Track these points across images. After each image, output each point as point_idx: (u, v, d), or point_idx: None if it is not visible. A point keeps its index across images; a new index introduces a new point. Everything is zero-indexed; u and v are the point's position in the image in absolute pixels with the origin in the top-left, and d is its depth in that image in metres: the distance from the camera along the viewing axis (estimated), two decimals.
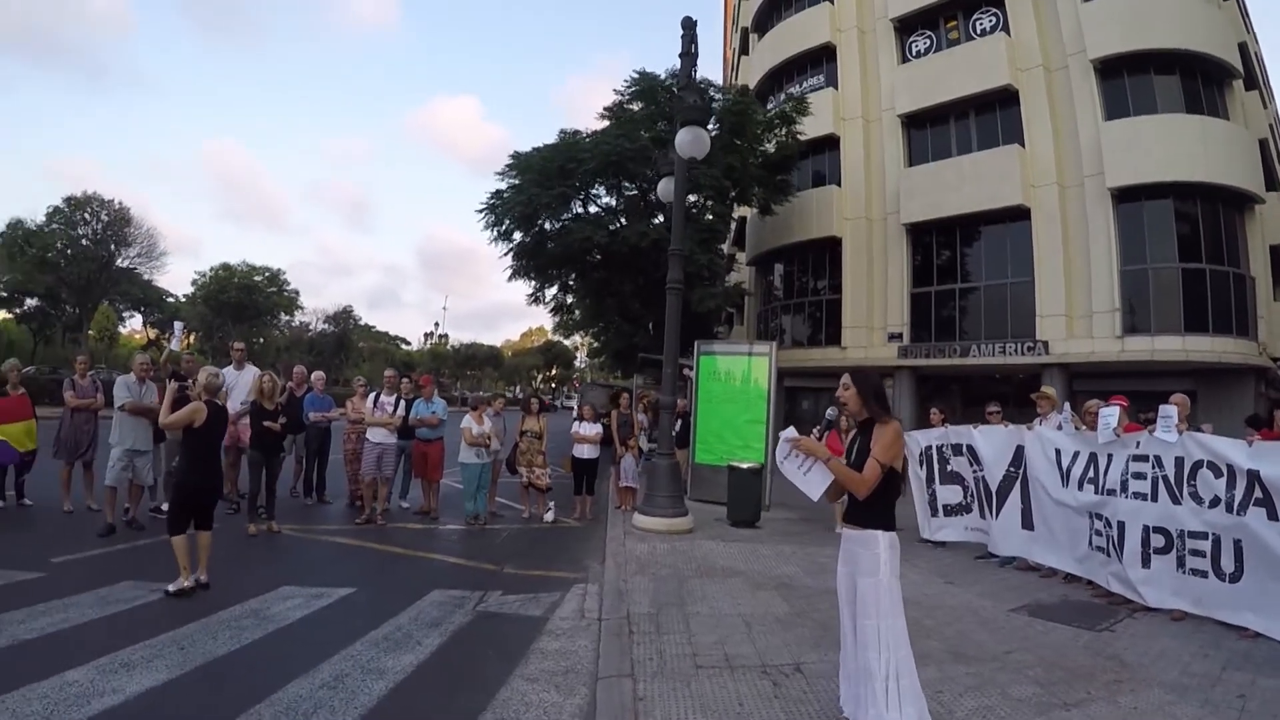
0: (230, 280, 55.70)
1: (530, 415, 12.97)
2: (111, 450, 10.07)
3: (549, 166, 24.85)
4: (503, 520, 12.34)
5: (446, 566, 9.09)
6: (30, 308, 58.62)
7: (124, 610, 6.67)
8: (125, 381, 10.35)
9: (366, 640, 6.15)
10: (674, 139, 22.21)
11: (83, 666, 5.26)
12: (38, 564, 7.97)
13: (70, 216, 40.47)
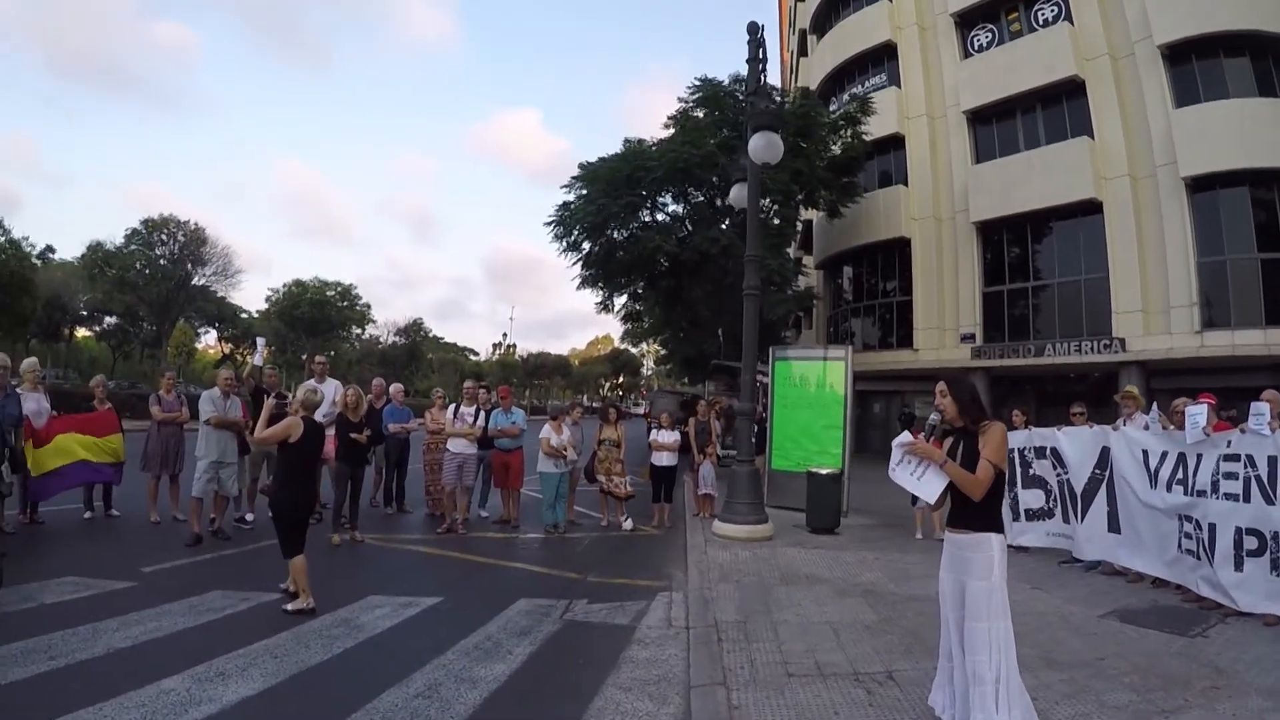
0: (303, 296, 56.93)
1: (608, 424, 13.04)
2: (198, 463, 10.29)
3: (616, 176, 24.95)
4: (581, 529, 12.43)
5: (530, 575, 9.15)
6: (109, 325, 60.42)
7: (215, 619, 6.80)
8: (210, 396, 10.58)
9: (457, 649, 6.18)
10: (741, 145, 22.26)
11: (178, 675, 5.34)
12: (129, 574, 8.17)
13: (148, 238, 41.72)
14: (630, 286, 30.10)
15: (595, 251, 26.96)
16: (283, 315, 57.16)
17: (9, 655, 5.58)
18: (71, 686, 5.08)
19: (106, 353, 64.66)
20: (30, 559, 8.42)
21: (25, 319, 42.31)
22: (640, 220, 26.45)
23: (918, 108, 30.53)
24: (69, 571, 8.10)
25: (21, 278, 39.27)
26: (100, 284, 45.01)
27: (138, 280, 41.59)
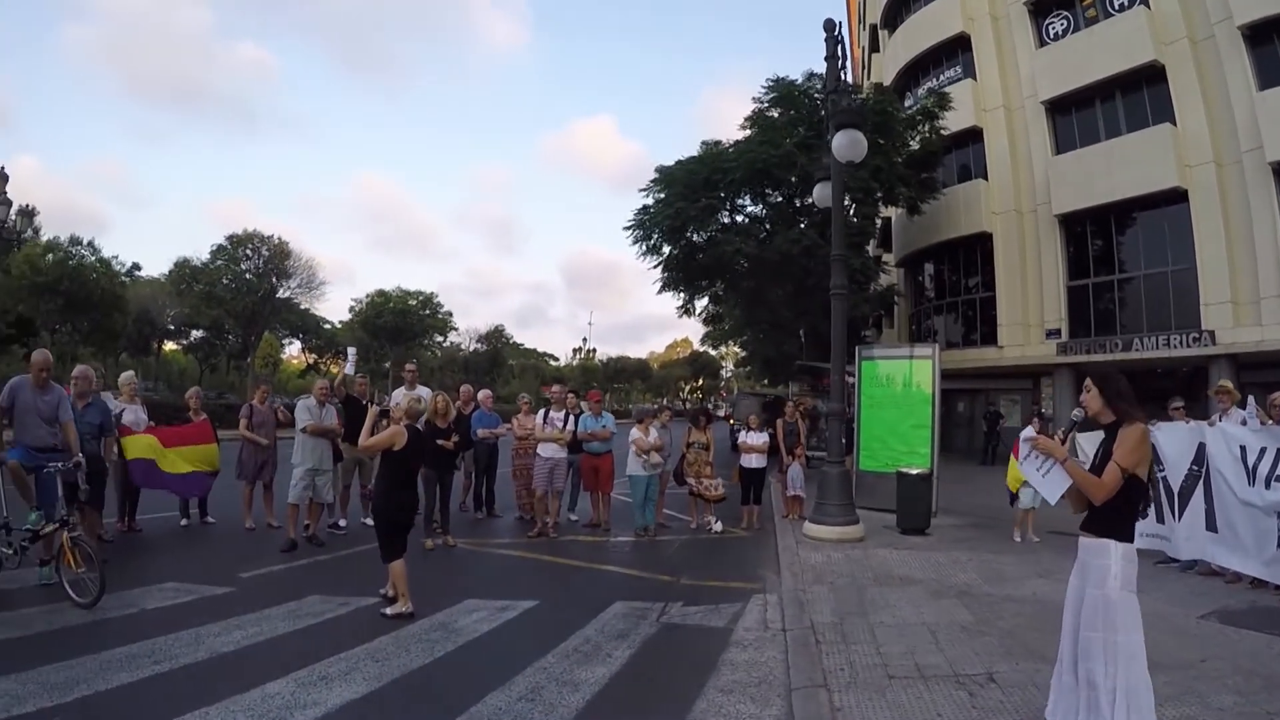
0: (386, 305, 57.85)
1: (697, 428, 13.08)
2: (294, 470, 10.61)
3: (694, 179, 24.91)
4: (671, 531, 12.49)
5: (624, 578, 9.25)
6: (196, 338, 62.05)
7: (315, 624, 6.97)
8: (306, 405, 10.93)
9: (557, 652, 6.24)
10: (819, 143, 22.10)
11: (282, 679, 5.47)
12: (227, 579, 8.40)
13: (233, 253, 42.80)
14: (711, 289, 30.05)
15: (675, 254, 26.98)
16: (366, 325, 58.16)
17: (114, 659, 5.76)
18: (177, 690, 5.24)
19: (194, 365, 66.35)
20: (130, 565, 8.70)
21: (117, 334, 43.71)
22: (719, 222, 26.35)
23: (994, 100, 29.91)
24: (169, 577, 8.35)
25: (112, 295, 40.62)
26: (187, 299, 46.37)
27: (224, 294, 42.69)
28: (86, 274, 38.07)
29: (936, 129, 27.81)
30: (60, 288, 36.46)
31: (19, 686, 5.15)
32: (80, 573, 7.15)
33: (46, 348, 9.35)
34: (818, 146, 23.59)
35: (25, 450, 7.98)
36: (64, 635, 6.40)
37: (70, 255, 38.75)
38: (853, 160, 12.24)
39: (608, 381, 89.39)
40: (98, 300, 38.50)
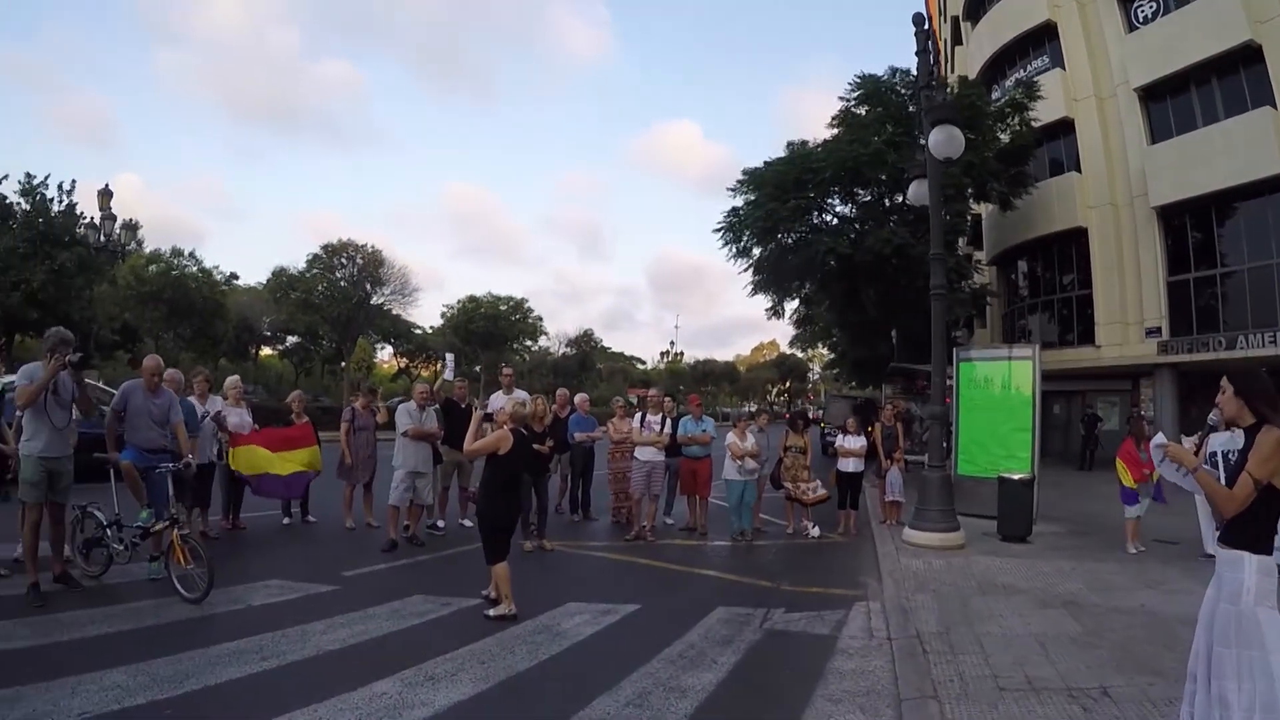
0: (477, 311, 58.68)
1: (795, 431, 13.07)
2: (395, 472, 10.82)
3: (784, 180, 24.75)
4: (767, 536, 12.50)
5: (723, 583, 9.27)
6: (292, 344, 63.64)
7: (419, 624, 7.11)
8: (407, 408, 11.14)
9: (662, 657, 6.24)
10: (907, 140, 21.80)
11: (389, 678, 5.55)
12: (330, 578, 8.62)
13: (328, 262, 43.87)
14: (801, 290, 29.88)
15: (765, 256, 26.87)
16: (458, 330, 59.08)
17: (222, 654, 5.93)
18: (285, 687, 5.38)
19: (290, 369, 68.30)
20: (235, 562, 8.90)
21: (217, 340, 45.15)
22: (809, 223, 26.15)
23: (1085, 89, 29.10)
24: (273, 575, 8.60)
25: (213, 302, 42.01)
26: (285, 306, 47.79)
27: (320, 301, 43.80)
28: (188, 283, 39.39)
29: (1026, 121, 27.14)
30: (163, 296, 37.79)
31: (129, 679, 5.31)
32: (189, 569, 7.40)
33: (150, 354, 9.75)
34: (907, 144, 23.39)
35: (137, 451, 8.35)
36: (173, 629, 6.61)
37: (173, 266, 40.12)
38: (950, 156, 12.03)
39: (695, 384, 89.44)
40: (199, 308, 39.79)
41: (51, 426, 7.43)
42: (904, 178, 17.02)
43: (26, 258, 28.91)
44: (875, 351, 29.79)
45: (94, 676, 5.31)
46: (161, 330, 40.61)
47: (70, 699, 4.92)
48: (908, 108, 24.84)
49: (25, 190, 30.31)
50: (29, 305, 29.07)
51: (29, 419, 7.47)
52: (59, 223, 30.30)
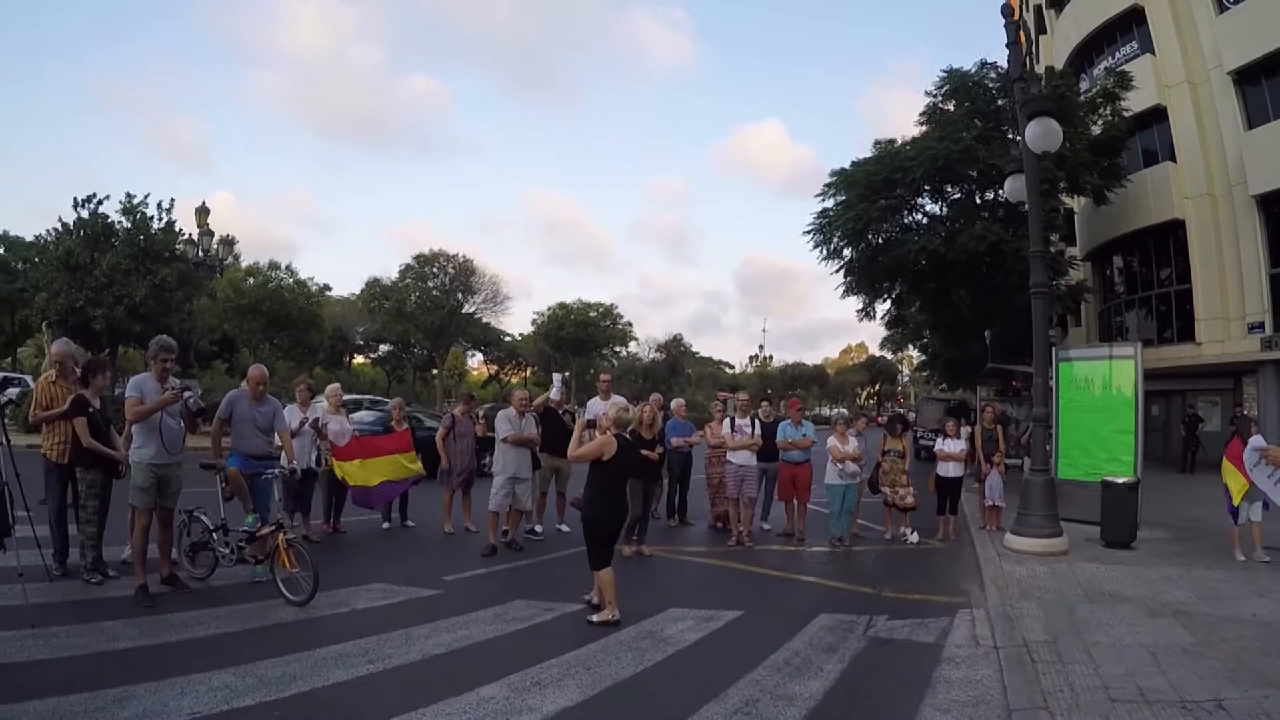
0: (567, 317, 59.27)
1: (893, 435, 12.99)
2: (494, 478, 11.01)
3: (874, 180, 24.44)
4: (865, 541, 12.45)
5: (825, 589, 9.30)
6: (384, 352, 65.07)
7: (522, 628, 7.23)
8: (506, 415, 11.33)
9: (767, 665, 6.24)
10: (997, 135, 21.42)
11: (495, 683, 5.61)
12: (432, 582, 8.82)
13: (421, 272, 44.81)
14: (892, 291, 29.53)
15: (857, 258, 26.53)
16: (548, 337, 59.75)
17: (328, 657, 6.09)
18: (391, 690, 5.50)
19: (382, 377, 69.72)
20: (338, 566, 9.06)
21: (314, 349, 46.36)
22: (900, 223, 25.78)
23: (1176, 74, 27.98)
24: (376, 578, 8.80)
25: (310, 313, 43.16)
26: (378, 315, 48.92)
27: (413, 311, 44.73)
28: (284, 295, 40.56)
29: (1118, 111, 26.04)
30: (261, 308, 38.99)
31: (238, 680, 5.48)
32: (294, 572, 7.63)
33: (247, 364, 10.15)
34: (997, 138, 22.99)
35: (243, 458, 8.66)
36: (279, 631, 6.81)
37: (270, 279, 41.35)
38: (1048, 150, 11.73)
39: (785, 388, 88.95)
40: (296, 319, 40.97)
41: (161, 435, 7.77)
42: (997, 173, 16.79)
43: (129, 273, 30.03)
44: (968, 352, 29.32)
45: (203, 677, 5.49)
46: (259, 341, 41.87)
47: (180, 698, 5.11)
48: (996, 102, 24.46)
49: (126, 210, 31.51)
50: (132, 318, 30.16)
51: (140, 428, 7.79)
52: (159, 240, 31.41)
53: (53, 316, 30.53)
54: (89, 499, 7.98)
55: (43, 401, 8.37)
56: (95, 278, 29.78)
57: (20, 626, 6.38)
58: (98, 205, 31.42)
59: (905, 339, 41.93)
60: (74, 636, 6.37)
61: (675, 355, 78.28)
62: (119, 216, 31.66)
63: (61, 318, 30.07)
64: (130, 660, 5.88)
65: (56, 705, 4.89)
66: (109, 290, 29.67)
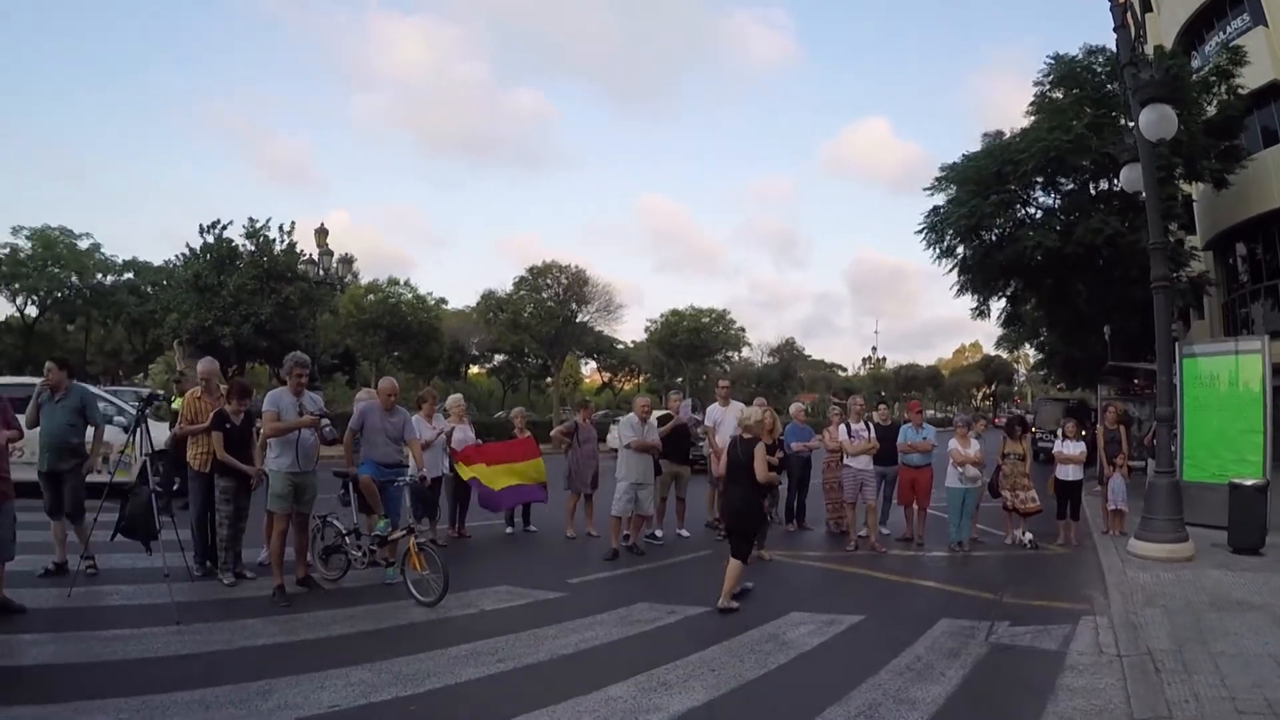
0: (679, 324, 59.64)
1: (1012, 438, 12.82)
2: (618, 484, 11.22)
3: (984, 174, 24.20)
4: (985, 546, 12.33)
5: (945, 595, 9.29)
6: (499, 362, 66.47)
7: (647, 630, 7.43)
8: (629, 421, 11.58)
9: (889, 669, 6.28)
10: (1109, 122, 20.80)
11: (622, 683, 5.77)
12: (556, 584, 9.10)
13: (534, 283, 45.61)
14: (1007, 288, 29.07)
15: (970, 255, 26.29)
16: (661, 344, 60.21)
17: (460, 655, 6.36)
18: (522, 688, 5.70)
19: (497, 386, 71.45)
20: (465, 569, 9.33)
21: (433, 361, 47.69)
22: (1013, 217, 25.41)
23: None
24: (502, 580, 9.12)
25: (429, 326, 44.46)
26: (494, 327, 50.07)
27: (528, 321, 45.61)
28: (403, 309, 41.84)
29: (1233, 89, 25.17)
30: (382, 323, 40.30)
31: (373, 676, 5.78)
32: (424, 574, 7.97)
33: (367, 376, 10.63)
34: (1109, 125, 22.37)
35: (374, 466, 9.10)
36: (411, 631, 7.15)
37: (389, 295, 42.71)
38: (1164, 137, 11.30)
39: (898, 390, 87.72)
40: (416, 332, 42.23)
41: (297, 445, 8.29)
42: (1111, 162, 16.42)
43: (254, 293, 31.45)
44: (1086, 350, 28.63)
45: (339, 672, 5.82)
46: (381, 354, 43.22)
47: (319, 692, 5.44)
48: (1105, 87, 23.85)
49: (249, 233, 33.06)
50: (259, 335, 31.60)
51: (277, 439, 8.32)
52: (282, 260, 32.80)
53: (184, 335, 32.18)
54: (223, 504, 8.54)
55: (188, 416, 9.01)
56: (223, 298, 31.30)
57: (167, 623, 6.88)
58: (222, 230, 33.04)
59: (1021, 337, 41.04)
60: (216, 633, 6.85)
61: (788, 359, 77.76)
62: (243, 240, 33.22)
63: (192, 336, 31.68)
64: (270, 656, 6.32)
65: (203, 696, 5.29)
66: (236, 309, 31.13)
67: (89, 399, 8.89)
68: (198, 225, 33.51)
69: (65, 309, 56.50)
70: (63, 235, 52.82)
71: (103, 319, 59.04)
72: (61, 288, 53.33)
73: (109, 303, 55.96)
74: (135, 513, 7.96)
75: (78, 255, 53.32)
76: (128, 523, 8.04)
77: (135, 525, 7.99)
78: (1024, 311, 32.51)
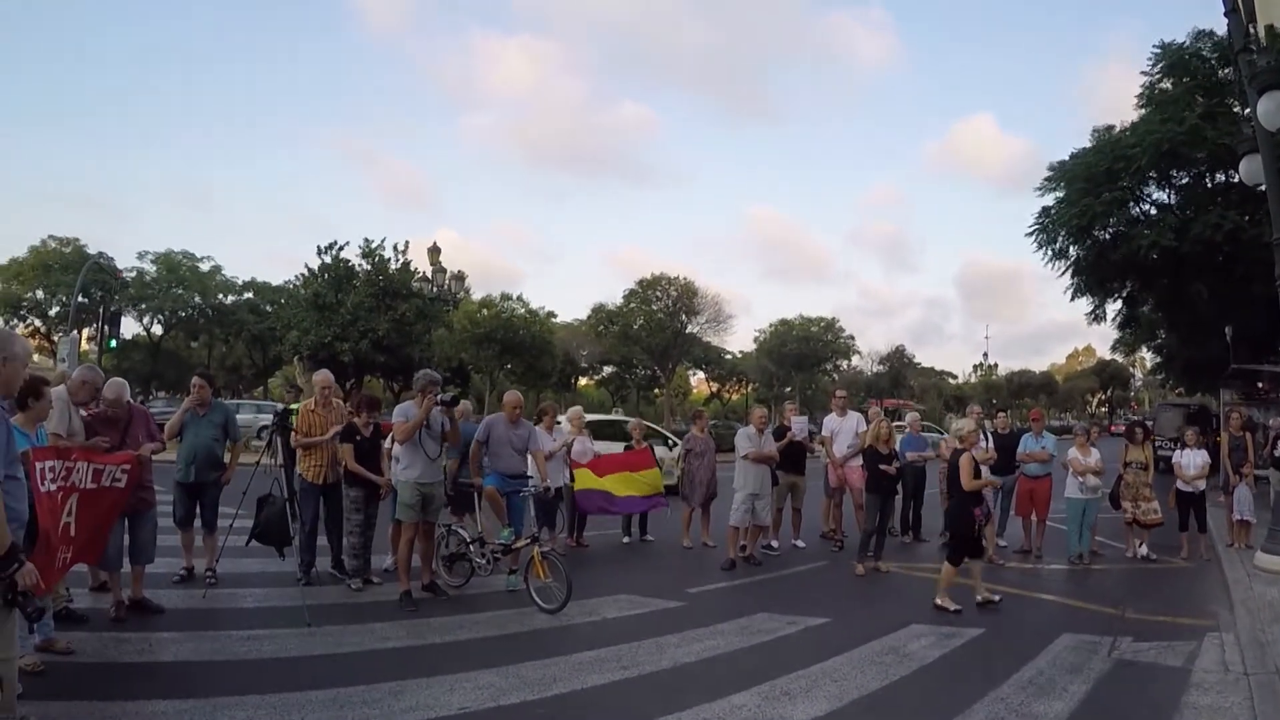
0: (789, 333, 59.58)
1: (1134, 444, 12.48)
2: (735, 494, 11.36)
3: (1094, 171, 23.47)
4: (1105, 559, 12.10)
5: (1066, 609, 9.22)
6: (608, 374, 67.21)
7: (767, 640, 7.52)
8: (746, 433, 11.74)
9: (1011, 683, 6.27)
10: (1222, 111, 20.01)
11: (746, 691, 5.86)
12: (676, 594, 9.27)
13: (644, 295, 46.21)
14: (1123, 290, 28.27)
15: (1083, 257, 25.57)
16: (771, 353, 60.25)
17: (584, 662, 6.56)
18: (646, 695, 5.90)
19: (606, 397, 72.19)
20: (585, 578, 9.31)
21: (546, 374, 48.57)
22: (1126, 215, 24.54)
23: None
24: (622, 589, 9.36)
25: (542, 340, 45.26)
26: (604, 339, 50.99)
27: (639, 334, 46.20)
28: (516, 323, 42.79)
29: None
30: (495, 337, 41.26)
31: (501, 680, 6.00)
32: (547, 582, 8.25)
33: (480, 390, 11.01)
34: (1224, 114, 21.52)
35: (500, 477, 9.51)
36: (536, 637, 7.43)
37: (502, 310, 43.73)
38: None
39: (1011, 398, 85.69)
40: (529, 345, 43.15)
41: (425, 456, 8.62)
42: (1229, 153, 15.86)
43: (372, 310, 32.70)
44: (1207, 352, 27.64)
45: (468, 676, 6.08)
46: (494, 367, 44.22)
47: (449, 694, 5.70)
48: (1217, 74, 23.01)
49: (366, 253, 34.38)
50: (376, 350, 32.84)
51: (405, 450, 8.72)
52: (397, 279, 33.97)
53: (304, 351, 33.51)
54: (353, 513, 9.01)
55: (303, 428, 9.30)
56: (341, 315, 32.55)
57: (298, 625, 7.28)
58: (339, 250, 34.25)
59: (1138, 340, 39.71)
60: (347, 635, 7.22)
61: (898, 367, 76.64)
62: (359, 260, 34.40)
63: (312, 352, 32.97)
64: (400, 658, 6.63)
65: (337, 695, 5.62)
66: (354, 326, 32.32)
67: (231, 415, 9.45)
68: (315, 247, 34.94)
69: (189, 327, 60.76)
70: (185, 259, 56.35)
71: (224, 336, 63.01)
72: (185, 307, 57.12)
73: (230, 321, 59.88)
74: (270, 520, 8.48)
75: (200, 277, 57.08)
76: (262, 529, 8.55)
77: (269, 531, 8.51)
78: (1140, 313, 31.49)
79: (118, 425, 7.64)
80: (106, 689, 5.62)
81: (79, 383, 7.61)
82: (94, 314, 49.90)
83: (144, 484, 7.59)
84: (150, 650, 6.64)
